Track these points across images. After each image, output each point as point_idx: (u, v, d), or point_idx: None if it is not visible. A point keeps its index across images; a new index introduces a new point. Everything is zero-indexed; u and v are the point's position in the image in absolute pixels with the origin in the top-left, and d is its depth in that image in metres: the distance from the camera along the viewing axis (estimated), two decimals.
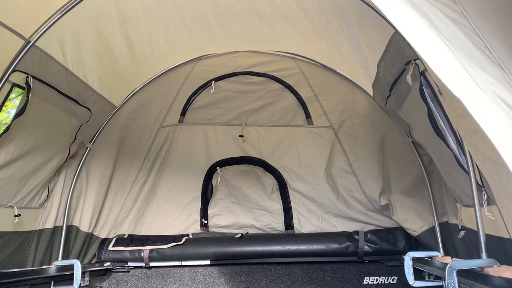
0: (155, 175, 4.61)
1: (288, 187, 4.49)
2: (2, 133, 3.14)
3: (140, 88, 4.51)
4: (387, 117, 4.19)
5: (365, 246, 4.09)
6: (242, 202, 4.52)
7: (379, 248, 4.08)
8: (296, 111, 4.58)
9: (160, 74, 4.53)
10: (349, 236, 4.16)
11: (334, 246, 4.11)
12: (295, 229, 4.44)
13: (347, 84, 4.41)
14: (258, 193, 4.52)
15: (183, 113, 4.64)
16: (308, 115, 4.55)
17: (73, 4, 3.02)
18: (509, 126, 1.06)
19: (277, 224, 4.46)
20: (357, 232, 4.18)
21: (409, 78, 2.80)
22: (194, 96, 4.63)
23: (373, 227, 4.34)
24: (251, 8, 3.55)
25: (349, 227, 4.35)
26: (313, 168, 4.45)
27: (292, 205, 4.46)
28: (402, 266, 3.47)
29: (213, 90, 4.55)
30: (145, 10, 3.48)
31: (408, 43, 1.19)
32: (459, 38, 1.27)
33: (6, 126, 3.19)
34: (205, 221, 4.53)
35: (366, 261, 4.17)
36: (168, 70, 4.54)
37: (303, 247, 4.15)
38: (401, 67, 2.95)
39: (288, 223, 4.44)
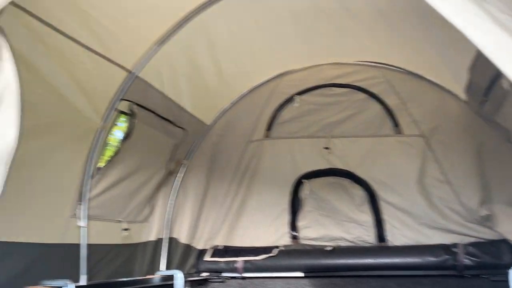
0: (245, 188, 4.78)
1: (378, 198, 4.39)
2: (114, 156, 3.54)
3: (229, 107, 4.75)
4: (483, 123, 3.93)
5: (465, 260, 3.85)
6: (330, 215, 4.50)
7: (481, 262, 3.83)
8: (383, 120, 4.49)
9: (246, 93, 4.73)
10: (447, 248, 3.95)
11: (431, 259, 3.93)
12: (387, 241, 4.32)
13: (437, 90, 4.23)
14: (346, 205, 4.47)
15: (269, 128, 4.77)
16: (396, 124, 4.43)
17: (167, 37, 3.33)
18: None
19: (368, 237, 4.38)
20: (455, 245, 3.96)
21: (504, 82, 2.63)
22: (279, 111, 4.75)
23: (473, 239, 4.07)
24: (332, 22, 3.60)
25: (446, 239, 4.12)
26: (404, 179, 4.31)
27: (384, 216, 4.35)
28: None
29: (297, 104, 4.64)
30: (231, 35, 3.69)
31: None
32: None
33: (117, 149, 3.58)
34: (295, 233, 4.58)
35: (468, 276, 3.92)
36: (254, 88, 4.73)
37: (397, 260, 4.03)
38: (495, 70, 2.78)
39: (380, 235, 4.33)
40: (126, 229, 3.85)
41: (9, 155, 1.65)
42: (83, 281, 3.25)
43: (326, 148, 4.56)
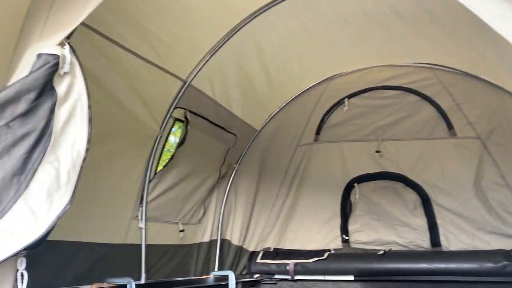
0: (294, 192, 4.83)
1: (432, 202, 4.29)
2: (169, 161, 3.74)
3: (277, 112, 4.84)
4: None
5: None
6: (382, 219, 4.45)
7: None
8: (436, 122, 4.39)
9: (295, 97, 4.80)
10: (506, 254, 3.78)
11: (489, 265, 3.79)
12: (442, 246, 4.21)
13: (494, 91, 4.07)
14: (399, 209, 4.40)
15: (318, 131, 4.80)
16: (450, 126, 4.32)
17: (219, 47, 3.47)
18: None
19: (422, 241, 4.29)
20: None
21: None
22: (328, 115, 4.77)
23: None
24: (381, 26, 3.59)
25: (506, 244, 3.95)
26: (459, 182, 4.19)
27: (438, 221, 4.24)
28: None
29: (347, 107, 4.65)
30: (280, 42, 3.78)
31: None
32: None
33: (171, 154, 3.77)
34: (346, 237, 4.57)
35: None
36: (302, 92, 4.78)
37: (452, 265, 3.91)
38: None
39: (434, 240, 4.23)
40: (181, 230, 4.03)
41: (80, 162, 1.80)
42: (143, 279, 3.45)
43: (377, 151, 4.52)
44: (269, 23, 3.50)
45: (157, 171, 3.68)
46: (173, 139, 4.34)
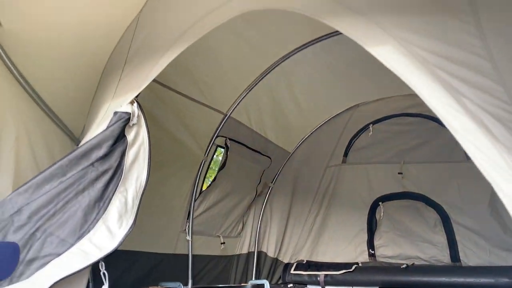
0: (325, 209, 5.25)
1: (451, 220, 4.59)
2: (212, 182, 4.32)
3: (308, 136, 5.30)
4: None
5: None
6: (405, 235, 4.76)
7: None
8: (454, 147, 4.67)
9: (323, 123, 5.26)
10: None
11: (504, 280, 4.02)
12: (461, 261, 4.49)
13: None
14: (420, 226, 4.71)
15: (346, 154, 5.24)
16: None
17: (254, 84, 4.04)
18: None
19: (443, 256, 4.58)
20: None
21: None
22: (354, 139, 5.20)
23: None
24: None
25: None
26: (476, 202, 4.47)
27: (457, 238, 4.53)
28: None
29: (371, 132, 5.06)
30: (307, 77, 4.29)
31: None
32: None
33: (214, 176, 4.36)
34: (372, 251, 4.92)
35: None
36: (330, 118, 5.24)
37: (470, 279, 4.16)
38: None
39: (454, 256, 4.51)
40: (223, 243, 4.58)
41: (141, 192, 2.25)
42: (190, 284, 4.01)
43: (400, 173, 4.89)
44: (297, 62, 4.01)
45: (202, 191, 4.27)
46: (216, 163, 4.93)
